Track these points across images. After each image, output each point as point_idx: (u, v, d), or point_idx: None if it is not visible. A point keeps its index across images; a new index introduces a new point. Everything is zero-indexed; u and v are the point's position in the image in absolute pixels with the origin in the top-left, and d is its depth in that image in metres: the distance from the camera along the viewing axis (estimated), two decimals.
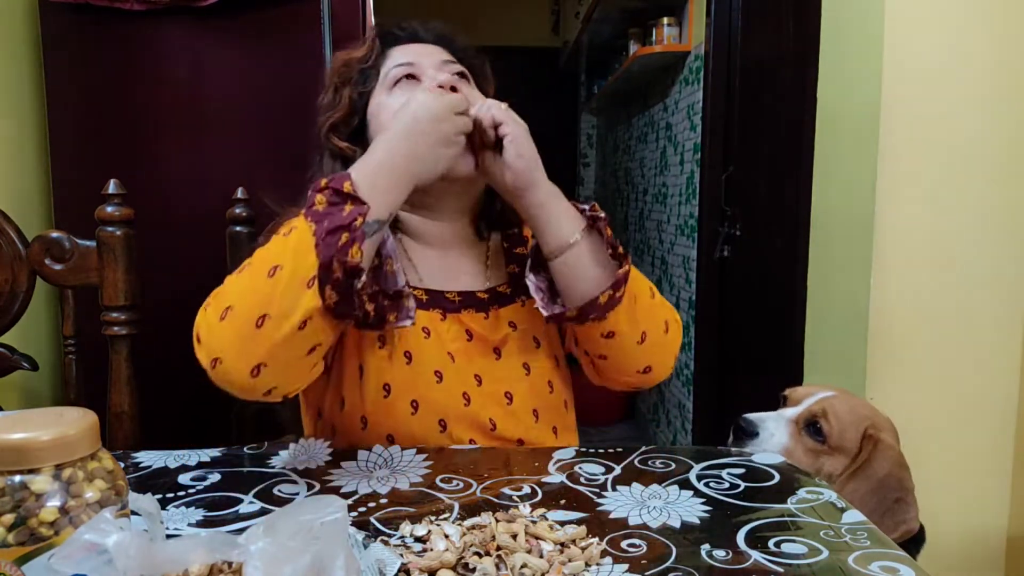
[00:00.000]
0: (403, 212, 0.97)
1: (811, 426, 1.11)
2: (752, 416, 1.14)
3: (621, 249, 0.85)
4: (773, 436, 1.11)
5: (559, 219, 0.85)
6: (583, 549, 0.61)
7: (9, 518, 0.45)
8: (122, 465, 0.80)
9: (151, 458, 0.84)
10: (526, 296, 0.99)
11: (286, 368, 0.72)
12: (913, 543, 1.04)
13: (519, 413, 0.93)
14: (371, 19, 1.98)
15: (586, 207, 0.87)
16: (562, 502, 0.72)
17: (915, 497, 1.07)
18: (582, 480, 0.78)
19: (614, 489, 0.76)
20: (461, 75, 0.97)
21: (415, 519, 0.67)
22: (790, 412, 1.14)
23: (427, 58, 0.96)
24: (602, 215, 0.86)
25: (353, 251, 0.69)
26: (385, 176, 0.76)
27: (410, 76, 0.94)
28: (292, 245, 0.70)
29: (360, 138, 0.96)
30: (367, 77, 0.96)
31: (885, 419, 1.14)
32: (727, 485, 0.77)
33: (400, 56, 0.97)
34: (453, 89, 0.91)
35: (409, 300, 0.83)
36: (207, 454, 0.85)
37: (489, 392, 0.92)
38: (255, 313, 0.68)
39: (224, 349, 0.69)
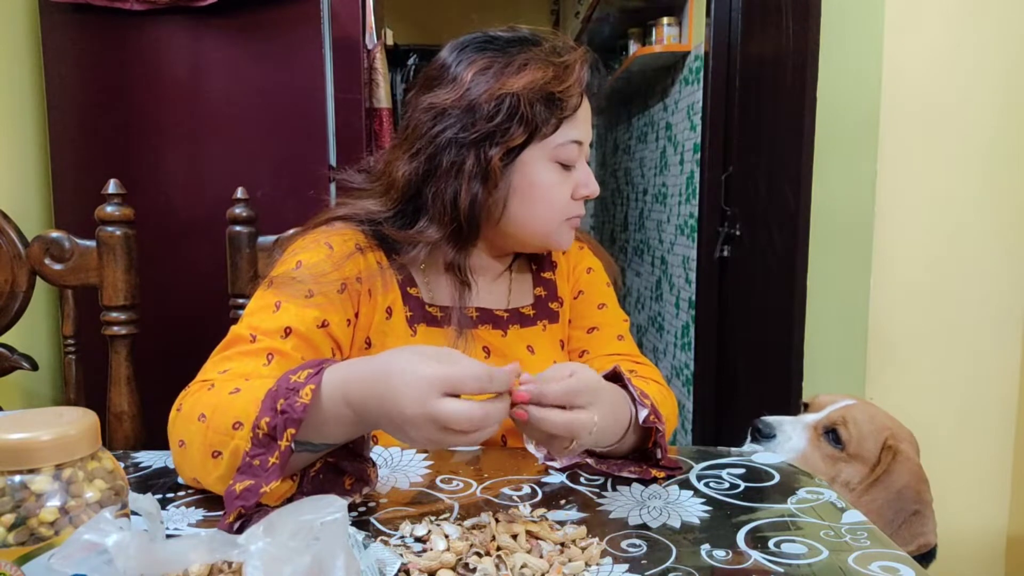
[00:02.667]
0: None
1: (830, 433, 1.11)
2: (770, 418, 1.13)
3: (665, 455, 0.78)
4: (790, 440, 1.10)
5: (605, 435, 0.73)
6: (583, 549, 0.61)
7: (9, 518, 0.45)
8: (122, 465, 0.79)
9: (151, 458, 0.84)
10: (548, 321, 0.99)
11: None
12: (922, 557, 1.03)
13: None
14: (371, 19, 1.98)
15: (642, 412, 0.75)
16: (562, 502, 0.72)
17: (933, 511, 1.06)
18: (582, 480, 0.78)
19: (614, 489, 0.76)
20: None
21: (415, 519, 0.67)
22: (809, 418, 1.13)
23: (589, 136, 0.92)
24: (659, 428, 0.76)
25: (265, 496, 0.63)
26: (343, 426, 0.65)
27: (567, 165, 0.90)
28: (233, 444, 0.66)
29: (512, 157, 0.89)
30: (544, 122, 0.87)
31: (906, 431, 1.13)
32: (727, 485, 0.77)
33: (580, 123, 0.90)
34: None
35: (372, 471, 0.74)
36: None
37: None
38: (194, 472, 0.71)
39: (177, 468, 0.75)
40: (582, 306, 1.03)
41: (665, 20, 2.73)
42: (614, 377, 0.79)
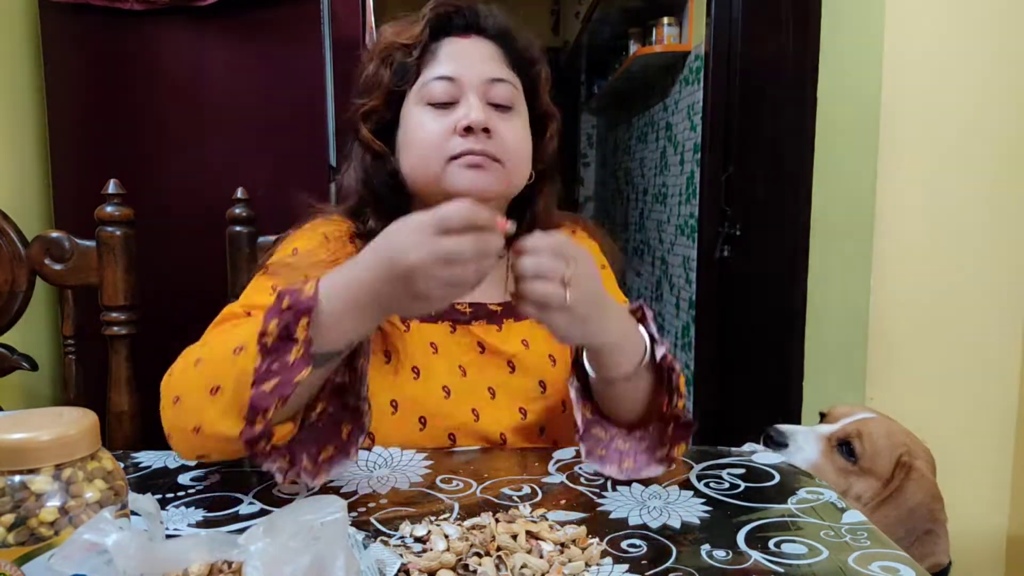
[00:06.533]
0: None
1: (844, 445, 1.10)
2: (784, 427, 1.11)
3: (680, 403, 0.78)
4: (803, 450, 1.09)
5: (618, 356, 0.76)
6: (583, 549, 0.61)
7: (9, 518, 0.45)
8: (122, 465, 0.79)
9: (151, 458, 0.84)
10: None
11: (231, 455, 0.71)
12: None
13: (529, 427, 0.92)
14: (371, 19, 1.98)
15: (660, 350, 0.77)
16: (562, 502, 0.72)
17: (947, 530, 1.04)
18: (582, 480, 0.78)
19: (614, 489, 0.76)
20: (505, 107, 0.88)
21: (415, 519, 0.67)
22: (824, 428, 1.12)
23: (473, 71, 0.87)
24: (675, 368, 0.78)
25: (283, 405, 0.63)
26: (353, 316, 0.65)
27: (447, 103, 0.87)
28: (237, 370, 0.65)
29: (391, 134, 0.92)
30: (406, 71, 0.89)
31: (923, 448, 1.12)
32: (727, 485, 0.77)
33: (446, 61, 0.88)
34: (486, 131, 0.84)
35: (367, 416, 0.74)
36: None
37: (503, 405, 0.90)
38: (192, 421, 0.69)
39: (172, 434, 0.72)
40: None
41: (665, 20, 2.74)
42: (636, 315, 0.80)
